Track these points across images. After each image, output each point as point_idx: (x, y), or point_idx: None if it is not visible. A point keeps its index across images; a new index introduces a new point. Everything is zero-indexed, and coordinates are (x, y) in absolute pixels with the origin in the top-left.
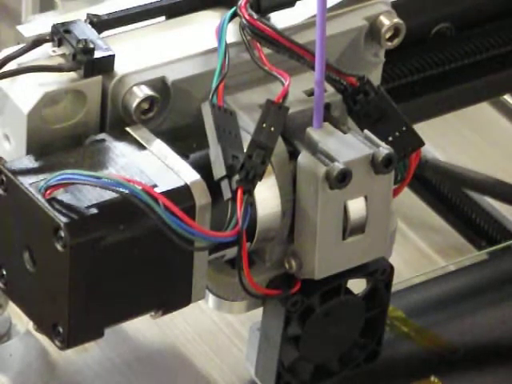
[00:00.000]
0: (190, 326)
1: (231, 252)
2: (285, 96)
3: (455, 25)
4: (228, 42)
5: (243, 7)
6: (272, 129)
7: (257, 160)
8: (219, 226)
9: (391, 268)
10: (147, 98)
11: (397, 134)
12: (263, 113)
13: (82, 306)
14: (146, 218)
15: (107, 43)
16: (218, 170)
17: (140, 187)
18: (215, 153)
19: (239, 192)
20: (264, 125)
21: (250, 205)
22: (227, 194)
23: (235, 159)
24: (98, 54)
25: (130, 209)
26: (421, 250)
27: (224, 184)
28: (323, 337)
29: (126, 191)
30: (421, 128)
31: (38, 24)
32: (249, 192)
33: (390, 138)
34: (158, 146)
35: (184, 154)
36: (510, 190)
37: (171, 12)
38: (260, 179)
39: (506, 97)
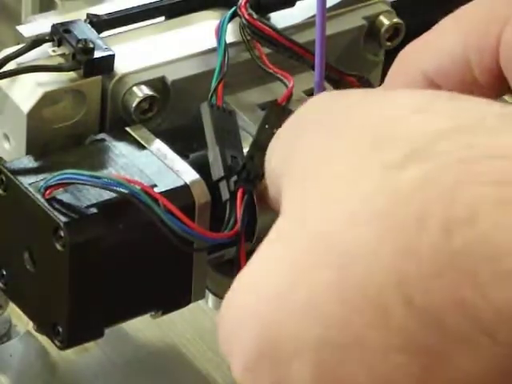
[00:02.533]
0: (190, 326)
1: (231, 251)
2: (289, 98)
3: None
4: (228, 41)
5: (243, 7)
6: (274, 130)
7: (258, 161)
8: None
9: None
10: (147, 98)
11: None
12: (266, 114)
13: (82, 305)
14: (145, 218)
15: (107, 43)
16: (217, 171)
17: (139, 187)
18: (213, 154)
19: (239, 192)
20: (266, 126)
21: (250, 205)
22: (225, 195)
23: (234, 160)
24: (97, 54)
25: (130, 209)
26: None
27: (222, 185)
28: None
29: (126, 191)
30: None
31: (38, 24)
32: (249, 192)
33: None
34: (158, 146)
35: (184, 154)
36: None
37: (171, 12)
38: (261, 180)
39: (506, 97)
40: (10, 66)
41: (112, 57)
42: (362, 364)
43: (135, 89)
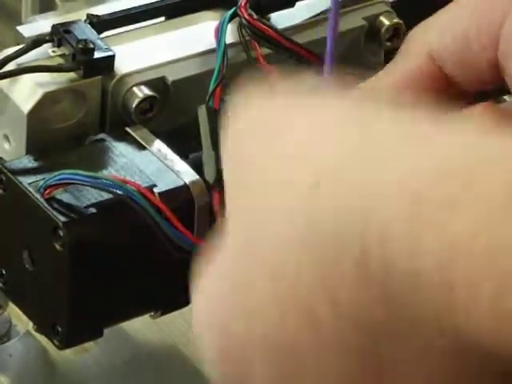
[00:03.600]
0: (190, 326)
1: None
2: None
3: None
4: (229, 41)
5: (243, 7)
6: None
7: None
8: None
9: None
10: (147, 98)
11: None
12: None
13: (81, 305)
14: (144, 219)
15: (107, 43)
16: (211, 175)
17: (136, 189)
18: (208, 157)
19: (216, 195)
20: None
21: None
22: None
23: None
24: (97, 54)
25: (129, 209)
26: None
27: (214, 190)
28: None
29: (122, 192)
30: None
31: (38, 24)
32: None
33: None
34: (158, 146)
35: (184, 155)
36: None
37: (171, 12)
38: None
39: (506, 97)
40: (10, 66)
41: (112, 57)
42: (303, 365)
43: (135, 89)
